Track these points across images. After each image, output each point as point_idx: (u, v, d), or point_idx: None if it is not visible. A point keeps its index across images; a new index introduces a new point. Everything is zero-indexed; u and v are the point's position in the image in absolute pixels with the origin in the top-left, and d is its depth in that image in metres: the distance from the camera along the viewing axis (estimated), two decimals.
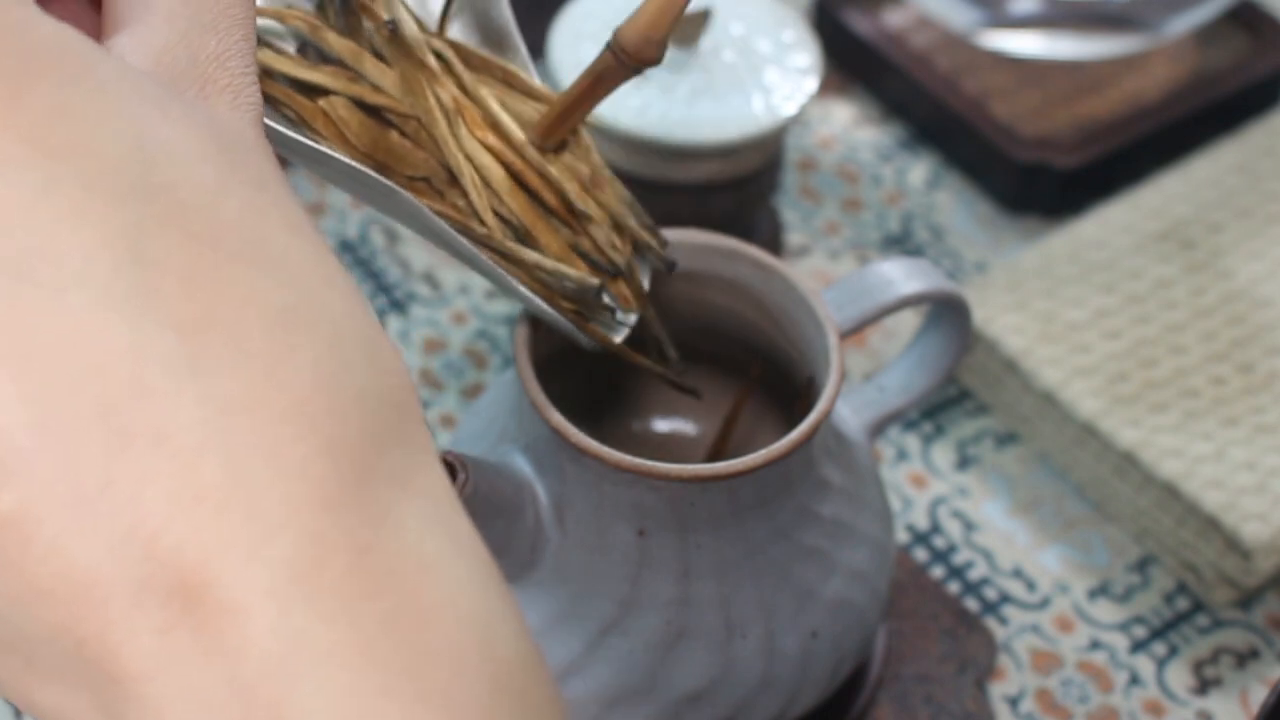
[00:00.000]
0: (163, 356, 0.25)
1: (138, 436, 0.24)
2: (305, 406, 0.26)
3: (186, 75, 0.29)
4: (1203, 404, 0.63)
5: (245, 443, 0.25)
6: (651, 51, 0.45)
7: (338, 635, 0.25)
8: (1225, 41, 0.79)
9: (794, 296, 0.51)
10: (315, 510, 0.25)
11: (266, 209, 0.27)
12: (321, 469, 0.25)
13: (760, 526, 0.49)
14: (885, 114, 0.78)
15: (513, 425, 0.50)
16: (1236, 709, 0.59)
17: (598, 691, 0.50)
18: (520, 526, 0.48)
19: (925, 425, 0.66)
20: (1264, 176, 0.71)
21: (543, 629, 0.50)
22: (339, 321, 0.27)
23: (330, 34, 0.45)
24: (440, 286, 0.70)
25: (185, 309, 0.25)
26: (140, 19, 0.29)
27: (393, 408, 0.27)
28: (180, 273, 0.25)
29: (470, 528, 0.28)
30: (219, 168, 0.27)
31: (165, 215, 0.26)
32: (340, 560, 0.25)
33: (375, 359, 0.27)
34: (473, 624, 0.27)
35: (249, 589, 0.24)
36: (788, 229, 0.73)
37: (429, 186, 0.46)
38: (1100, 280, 0.67)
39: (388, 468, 0.27)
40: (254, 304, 0.26)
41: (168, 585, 0.24)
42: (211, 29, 0.30)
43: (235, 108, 0.29)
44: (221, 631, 0.24)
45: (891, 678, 0.58)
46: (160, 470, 0.24)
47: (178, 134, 0.27)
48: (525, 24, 0.50)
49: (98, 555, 0.24)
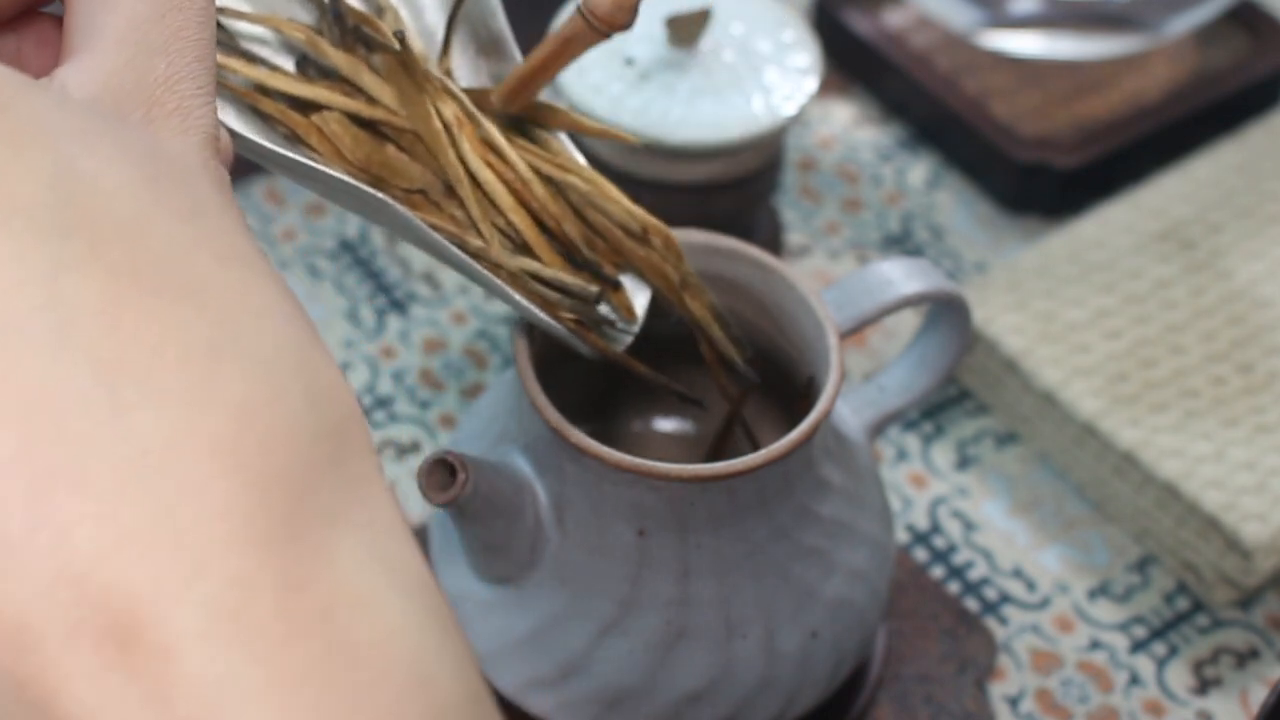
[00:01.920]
0: (80, 396, 0.24)
1: (61, 477, 0.24)
2: (229, 443, 0.25)
3: (131, 99, 0.29)
4: (1203, 404, 0.63)
5: (167, 482, 0.25)
6: (622, 17, 0.45)
7: (268, 676, 0.24)
8: (1225, 41, 0.79)
9: (794, 296, 0.51)
10: (243, 548, 0.25)
11: (197, 240, 0.27)
12: (248, 506, 0.25)
13: (760, 526, 0.49)
14: (885, 114, 0.78)
15: (513, 425, 0.50)
16: (1236, 709, 0.59)
17: (598, 691, 0.50)
18: (520, 526, 0.48)
19: (925, 425, 0.66)
20: (1264, 176, 0.71)
21: (543, 629, 0.50)
22: (270, 353, 0.27)
23: (328, 46, 0.46)
24: (440, 286, 0.70)
25: (103, 347, 0.25)
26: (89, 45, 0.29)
27: (329, 438, 0.27)
28: (97, 310, 0.25)
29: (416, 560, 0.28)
30: (145, 200, 0.27)
31: (83, 252, 0.25)
32: (268, 599, 0.25)
33: (312, 391, 0.27)
34: (409, 663, 0.26)
35: (178, 630, 0.24)
36: (788, 229, 0.73)
37: (425, 199, 0.46)
38: (1100, 280, 0.67)
39: (322, 502, 0.26)
40: (174, 340, 0.26)
41: (101, 626, 0.24)
42: (161, 52, 0.29)
43: (184, 131, 0.29)
44: (154, 673, 0.24)
45: (891, 678, 0.58)
46: (84, 512, 0.24)
47: (102, 166, 0.27)
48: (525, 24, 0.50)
49: (30, 596, 0.24)
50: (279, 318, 0.27)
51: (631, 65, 0.63)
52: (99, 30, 0.29)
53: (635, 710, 0.50)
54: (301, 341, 0.27)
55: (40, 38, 0.32)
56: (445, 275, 0.70)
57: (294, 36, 0.45)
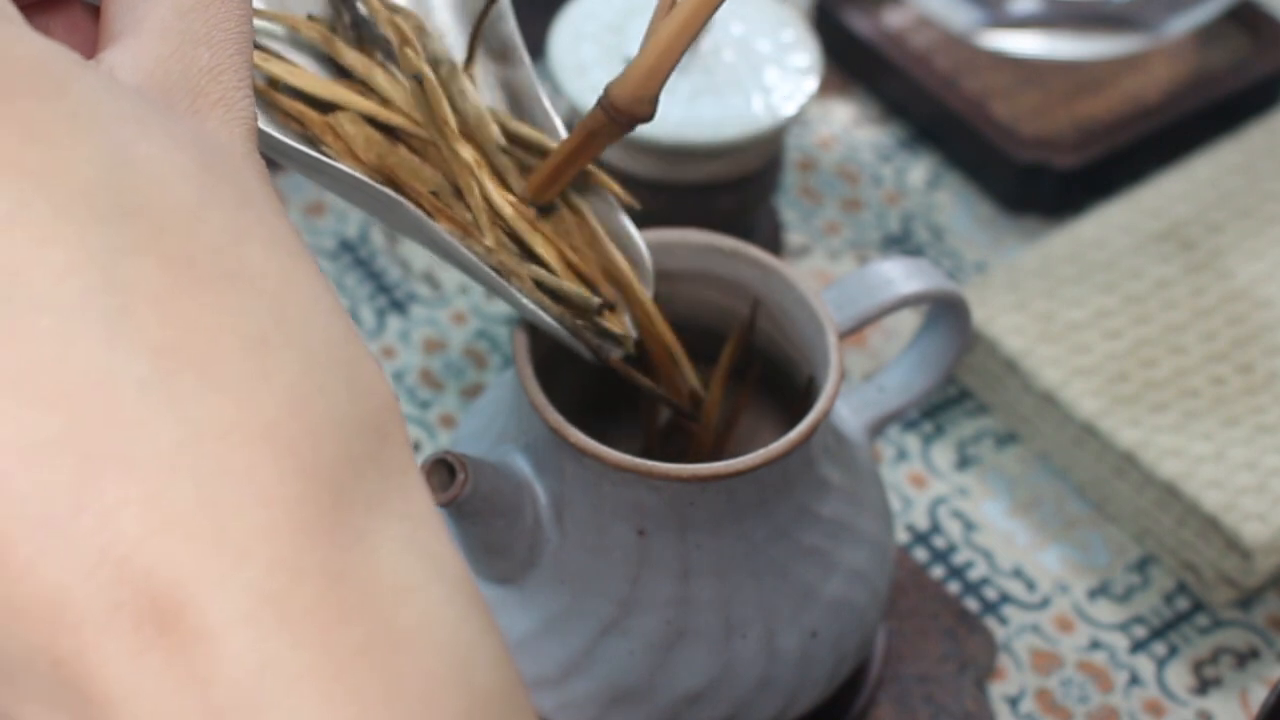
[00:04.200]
0: (135, 381, 0.25)
1: (110, 461, 0.24)
2: (279, 431, 0.25)
3: (178, 88, 0.29)
4: (1203, 404, 0.63)
5: (217, 467, 0.25)
6: (644, 109, 0.45)
7: (309, 661, 0.25)
8: (1225, 41, 0.78)
9: (794, 296, 0.51)
10: (288, 535, 0.25)
11: (247, 229, 0.27)
12: (295, 493, 0.25)
13: (760, 526, 0.49)
14: (885, 114, 0.78)
15: (513, 425, 0.50)
16: (1236, 709, 0.59)
17: (598, 691, 0.50)
18: (520, 526, 0.48)
19: (925, 425, 0.66)
20: (1264, 176, 0.71)
21: (543, 629, 0.50)
22: (317, 344, 0.27)
23: (342, 45, 0.46)
24: (440, 286, 0.70)
25: (158, 333, 0.25)
26: (133, 32, 0.29)
27: (372, 431, 0.27)
28: (154, 296, 0.25)
29: (452, 552, 0.28)
30: (199, 187, 0.27)
31: (140, 237, 0.26)
32: (313, 585, 0.25)
33: (355, 382, 0.27)
34: (449, 651, 0.26)
35: (221, 614, 0.24)
36: (788, 229, 0.73)
37: (436, 199, 0.46)
38: (1100, 280, 0.67)
39: (364, 492, 0.26)
40: (229, 328, 0.26)
41: (142, 609, 0.24)
42: (205, 42, 0.29)
43: (227, 122, 0.29)
44: (194, 656, 0.24)
45: (891, 678, 0.58)
46: (132, 494, 0.24)
47: (157, 152, 0.27)
48: (525, 24, 0.50)
49: (72, 577, 0.24)
50: (324, 309, 0.28)
51: None
52: (142, 17, 0.29)
53: (635, 710, 0.50)
54: (344, 333, 0.28)
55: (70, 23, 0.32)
56: (445, 275, 0.70)
57: (309, 35, 0.46)
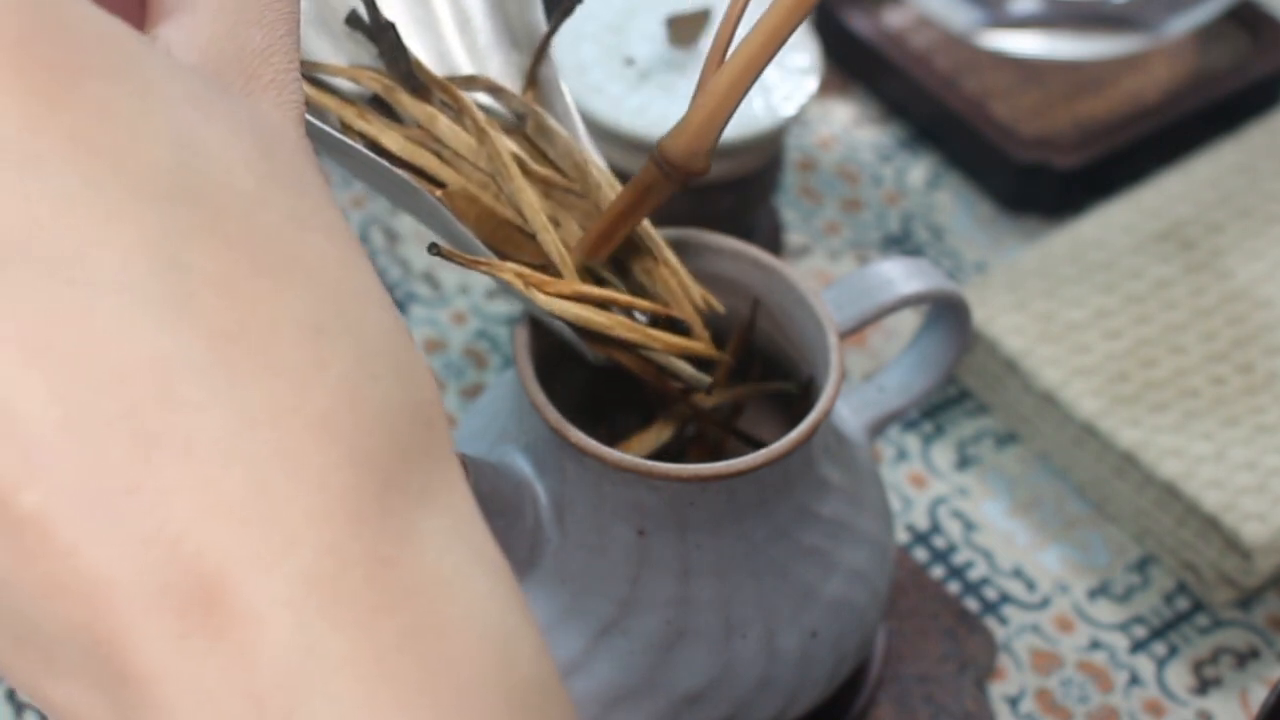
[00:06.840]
0: (193, 364, 0.25)
1: (164, 443, 0.24)
2: (332, 420, 0.26)
3: (232, 69, 0.29)
4: (1203, 404, 0.63)
5: (271, 454, 0.25)
6: (698, 164, 0.44)
7: (353, 648, 0.25)
8: (1225, 41, 0.79)
9: (794, 296, 0.51)
10: (337, 523, 0.25)
11: (306, 216, 0.27)
12: (345, 482, 0.25)
13: (760, 526, 0.49)
14: (885, 114, 0.78)
15: (513, 425, 0.50)
16: (1236, 709, 0.59)
17: (598, 691, 0.50)
18: (520, 526, 0.48)
19: (925, 425, 0.66)
20: (1264, 176, 0.71)
21: (543, 629, 0.50)
22: (370, 335, 0.27)
23: (404, 95, 0.46)
24: (440, 286, 0.70)
25: (218, 318, 0.25)
26: (186, 9, 0.29)
27: (420, 423, 0.27)
28: (215, 281, 0.25)
29: (493, 545, 0.28)
30: (260, 173, 0.27)
31: (204, 221, 0.26)
32: (359, 573, 0.25)
33: (405, 374, 0.27)
34: (491, 641, 0.26)
35: (267, 598, 0.24)
36: (788, 229, 0.73)
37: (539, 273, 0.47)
38: (1100, 280, 0.67)
39: (412, 483, 0.27)
40: (287, 315, 0.26)
41: (187, 591, 0.24)
42: (257, 23, 0.29)
43: (279, 105, 0.29)
44: (237, 639, 0.24)
45: (891, 678, 0.58)
46: (185, 477, 0.24)
47: (220, 135, 0.27)
48: None
49: (119, 557, 0.24)
50: (375, 299, 0.28)
51: (631, 65, 0.63)
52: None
53: (635, 710, 0.50)
54: (394, 323, 0.28)
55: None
56: (445, 275, 0.70)
57: (373, 88, 0.46)
